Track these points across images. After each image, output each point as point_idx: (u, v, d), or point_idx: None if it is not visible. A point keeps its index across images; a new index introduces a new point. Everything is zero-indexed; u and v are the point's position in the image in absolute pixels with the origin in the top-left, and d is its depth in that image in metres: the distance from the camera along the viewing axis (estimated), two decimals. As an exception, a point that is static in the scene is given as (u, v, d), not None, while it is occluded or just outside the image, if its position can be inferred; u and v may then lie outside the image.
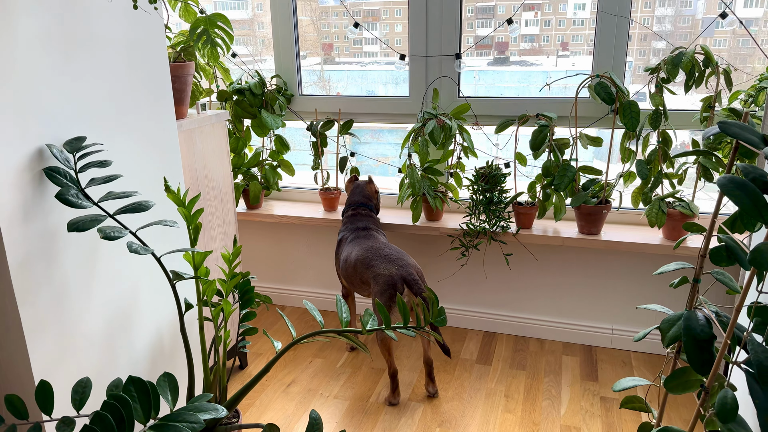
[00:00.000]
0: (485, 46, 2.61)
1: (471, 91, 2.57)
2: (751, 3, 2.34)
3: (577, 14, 2.49)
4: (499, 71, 2.66)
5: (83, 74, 1.37)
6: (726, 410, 1.13)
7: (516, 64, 2.63)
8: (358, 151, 2.74)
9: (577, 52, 2.53)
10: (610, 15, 2.24)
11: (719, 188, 1.09)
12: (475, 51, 2.59)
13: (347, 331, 1.47)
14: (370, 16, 2.75)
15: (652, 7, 2.38)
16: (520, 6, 2.42)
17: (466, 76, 2.63)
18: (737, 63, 2.35)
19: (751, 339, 1.10)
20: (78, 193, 1.32)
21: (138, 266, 1.61)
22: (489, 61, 2.67)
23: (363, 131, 3.01)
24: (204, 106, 2.13)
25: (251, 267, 2.98)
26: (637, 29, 2.37)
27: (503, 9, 2.53)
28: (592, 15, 2.37)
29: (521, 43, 2.61)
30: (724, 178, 1.08)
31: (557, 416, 2.06)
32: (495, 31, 2.48)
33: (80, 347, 1.43)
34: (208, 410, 1.30)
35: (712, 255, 1.21)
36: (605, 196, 2.32)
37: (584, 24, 2.48)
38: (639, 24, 2.34)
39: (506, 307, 2.61)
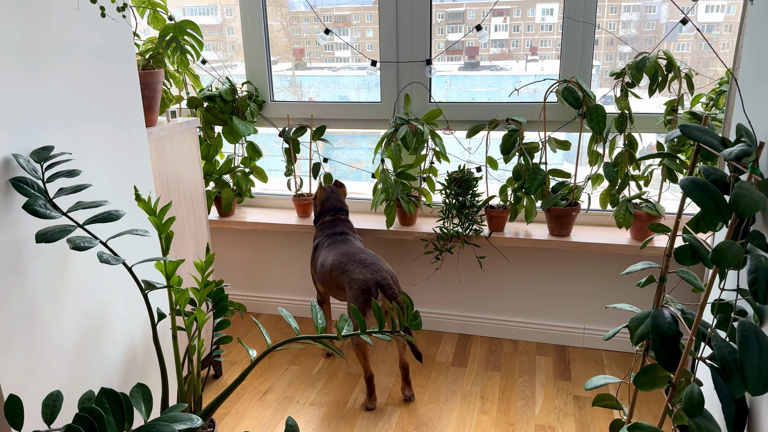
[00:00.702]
0: (456, 51, 2.64)
1: (443, 96, 2.60)
2: (712, 9, 2.42)
3: (546, 19, 2.54)
4: (470, 76, 2.69)
5: (51, 83, 1.35)
6: (693, 405, 1.17)
7: (486, 69, 2.66)
8: (331, 156, 2.74)
9: (546, 57, 2.58)
10: (576, 21, 2.29)
11: (681, 189, 1.12)
12: (446, 56, 2.62)
13: (323, 337, 1.47)
14: (341, 22, 2.75)
15: (617, 12, 2.44)
16: (489, 11, 2.46)
17: (437, 81, 2.65)
18: (700, 66, 2.42)
19: (715, 335, 1.13)
20: (46, 203, 1.30)
21: (110, 277, 1.58)
22: (460, 65, 2.70)
23: (336, 137, 3.01)
24: (174, 114, 2.12)
25: (225, 275, 2.95)
26: (603, 34, 2.42)
27: (473, 14, 2.56)
28: (559, 20, 2.41)
29: (491, 47, 2.64)
30: (686, 179, 1.11)
31: (532, 416, 2.09)
32: (465, 36, 2.51)
33: (51, 360, 1.41)
34: (182, 420, 1.29)
35: (677, 254, 1.24)
36: (574, 199, 2.36)
37: (552, 29, 2.53)
38: (605, 29, 2.40)
39: (480, 309, 2.64)
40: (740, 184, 0.99)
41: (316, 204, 2.47)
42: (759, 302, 1.03)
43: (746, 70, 1.26)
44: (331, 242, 2.28)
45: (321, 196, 2.46)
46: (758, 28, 1.21)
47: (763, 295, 1.03)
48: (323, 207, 2.44)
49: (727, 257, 1.03)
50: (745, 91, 1.27)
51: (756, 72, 1.22)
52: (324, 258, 2.25)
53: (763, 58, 1.18)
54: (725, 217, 1.10)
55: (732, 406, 1.18)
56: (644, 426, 1.27)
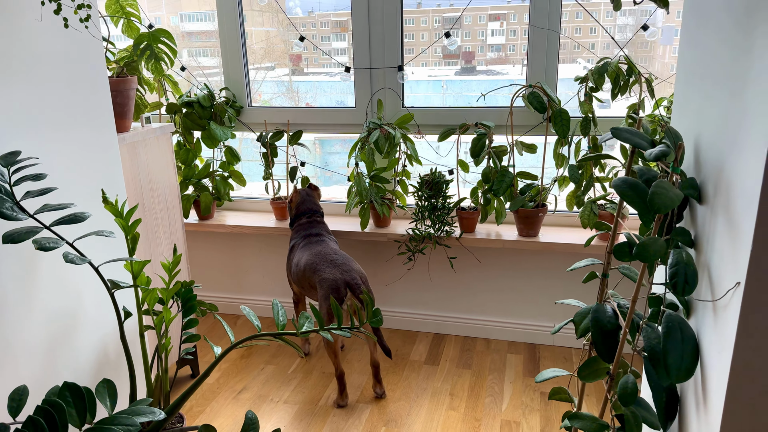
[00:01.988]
0: (453, 56, 2.67)
1: (439, 101, 2.63)
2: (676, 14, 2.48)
3: (564, 23, 2.54)
4: (466, 80, 2.72)
5: (17, 90, 1.41)
6: (626, 394, 1.22)
7: (483, 74, 2.69)
8: (308, 160, 2.80)
9: (562, 60, 2.54)
10: (540, 29, 2.36)
11: (613, 189, 1.19)
12: (442, 61, 2.66)
13: (282, 333, 1.52)
14: (338, 27, 2.80)
15: (583, 17, 2.50)
16: (456, 17, 2.53)
17: (434, 86, 2.69)
18: (666, 72, 2.49)
19: (646, 327, 1.19)
20: (13, 206, 1.35)
21: (80, 277, 1.64)
22: (456, 70, 2.73)
23: (328, 142, 3.05)
24: (149, 119, 2.18)
25: (204, 277, 3.01)
26: (569, 40, 2.48)
27: (470, 19, 2.59)
28: (562, 24, 2.43)
29: (488, 52, 2.67)
30: (618, 179, 1.17)
31: (498, 412, 2.15)
32: (435, 42, 2.57)
33: (19, 357, 1.46)
34: (144, 413, 1.35)
35: (616, 251, 1.30)
36: (541, 200, 2.43)
37: (567, 32, 2.52)
38: (571, 36, 2.46)
39: (454, 309, 2.70)
40: (658, 183, 1.05)
41: (292, 207, 2.52)
42: (678, 294, 1.09)
43: (679, 73, 1.32)
44: (306, 243, 2.34)
45: (296, 200, 2.52)
46: (688, 34, 1.27)
47: (682, 287, 1.09)
48: (299, 210, 2.49)
49: (650, 252, 1.08)
50: (678, 93, 1.33)
51: (686, 75, 1.28)
52: (298, 258, 2.31)
53: (691, 63, 1.24)
54: (653, 214, 1.16)
55: (662, 394, 1.24)
56: (583, 415, 1.33)
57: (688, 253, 1.12)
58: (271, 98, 3.02)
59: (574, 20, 2.49)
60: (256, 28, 2.95)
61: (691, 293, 1.07)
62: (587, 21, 2.51)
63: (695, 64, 1.22)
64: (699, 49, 1.20)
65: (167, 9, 3.13)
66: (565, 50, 2.49)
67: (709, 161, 1.10)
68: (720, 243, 1.01)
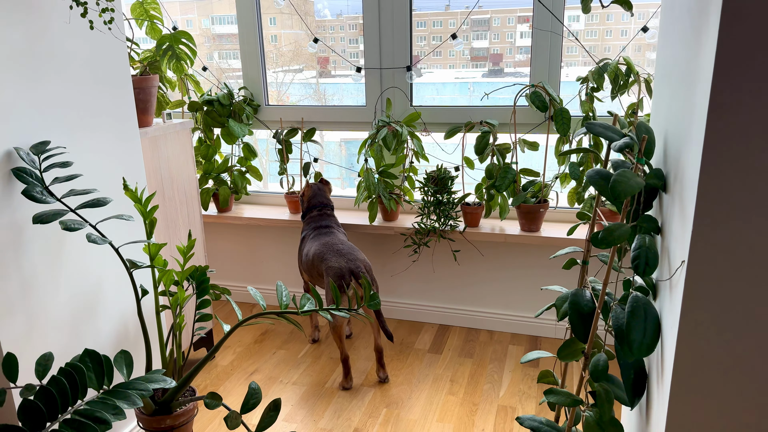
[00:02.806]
0: (481, 57, 2.73)
1: (466, 102, 2.68)
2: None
3: (572, 26, 2.58)
4: (493, 83, 2.72)
5: (48, 86, 1.56)
6: (598, 371, 1.32)
7: (511, 75, 2.72)
8: (331, 160, 2.92)
9: (572, 63, 2.60)
10: (544, 31, 2.44)
11: (587, 179, 1.28)
12: (470, 63, 2.74)
13: (285, 312, 1.65)
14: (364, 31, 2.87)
15: (584, 20, 2.58)
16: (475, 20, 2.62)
17: (461, 88, 2.75)
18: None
19: (616, 307, 1.28)
20: (42, 190, 1.50)
21: (103, 259, 1.79)
22: (484, 72, 2.78)
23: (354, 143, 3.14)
24: (170, 116, 2.32)
25: (222, 267, 3.15)
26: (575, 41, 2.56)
27: (498, 21, 2.67)
28: (587, 27, 2.48)
29: (516, 54, 2.71)
30: (591, 171, 1.27)
31: (496, 398, 2.24)
32: (441, 44, 2.68)
33: (47, 330, 1.61)
34: (157, 381, 1.48)
35: (593, 239, 1.38)
36: (543, 196, 2.51)
37: (579, 35, 2.59)
38: (573, 37, 2.54)
39: (458, 301, 2.79)
40: (620, 172, 1.14)
41: (304, 200, 2.65)
42: (638, 275, 1.18)
43: (656, 72, 1.41)
44: (316, 234, 2.46)
45: (308, 193, 2.64)
46: (663, 34, 1.36)
47: (643, 269, 1.18)
48: (310, 203, 2.62)
49: (614, 236, 1.18)
50: (655, 91, 1.41)
51: (660, 74, 1.36)
52: (308, 249, 2.43)
53: (664, 63, 1.33)
54: (619, 202, 1.25)
55: (630, 371, 1.32)
56: (560, 391, 1.42)
57: (651, 238, 1.20)
58: (298, 100, 3.12)
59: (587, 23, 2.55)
60: (285, 31, 3.06)
61: (651, 274, 1.16)
62: (593, 24, 2.58)
63: (667, 64, 1.31)
64: (669, 49, 1.29)
65: (199, 12, 3.26)
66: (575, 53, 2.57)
67: (672, 153, 1.19)
68: (675, 227, 1.10)
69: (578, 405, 1.38)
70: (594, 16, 2.59)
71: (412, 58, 2.67)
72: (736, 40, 0.86)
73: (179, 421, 1.78)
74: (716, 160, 0.91)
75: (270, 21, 2.99)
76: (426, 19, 2.73)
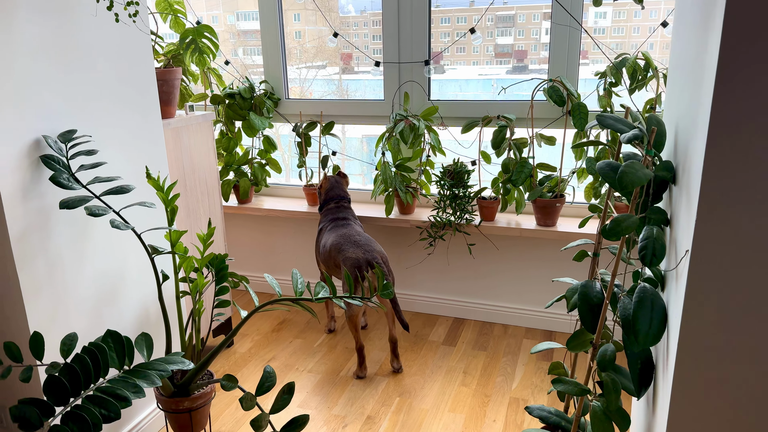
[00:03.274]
0: (505, 54, 2.73)
1: (489, 98, 2.66)
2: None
3: (598, 23, 2.57)
4: (517, 79, 2.68)
5: (76, 76, 1.62)
6: (605, 361, 1.33)
7: (535, 72, 2.71)
8: (354, 155, 2.96)
9: (598, 60, 2.57)
10: (562, 25, 2.45)
11: (597, 171, 1.29)
12: (494, 59, 2.73)
13: (299, 299, 1.69)
14: None
15: (611, 17, 2.57)
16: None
17: (484, 84, 2.75)
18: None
19: (624, 298, 1.29)
20: (69, 177, 1.56)
21: (126, 245, 1.85)
22: (508, 69, 2.78)
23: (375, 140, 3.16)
24: (192, 108, 2.38)
25: (241, 257, 3.21)
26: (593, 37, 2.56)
27: (523, 17, 2.66)
28: (614, 24, 2.46)
29: (541, 51, 2.69)
30: (602, 162, 1.28)
31: (508, 390, 2.26)
32: (454, 42, 2.69)
33: (71, 311, 1.67)
34: (176, 363, 1.53)
35: (603, 231, 1.40)
36: (560, 191, 2.51)
37: (605, 32, 2.56)
38: (585, 32, 2.53)
39: (473, 294, 2.81)
40: (627, 163, 1.15)
41: (321, 193, 2.69)
42: (645, 265, 1.19)
43: (670, 65, 1.41)
44: (333, 226, 2.50)
45: (326, 186, 2.68)
46: (677, 27, 1.36)
47: (649, 259, 1.19)
48: (327, 195, 2.66)
49: (621, 227, 1.19)
50: (669, 83, 1.42)
51: (674, 67, 1.37)
52: (325, 240, 2.47)
53: (677, 55, 1.33)
54: (628, 192, 1.27)
55: (637, 361, 1.33)
56: (568, 381, 1.44)
57: (659, 229, 1.22)
58: (321, 96, 3.14)
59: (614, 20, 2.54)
60: (309, 27, 3.09)
61: (657, 264, 1.17)
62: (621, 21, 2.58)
63: (678, 57, 1.31)
64: (681, 42, 1.29)
65: (224, 7, 3.31)
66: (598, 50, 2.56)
67: (681, 146, 1.20)
68: (682, 218, 1.11)
69: (586, 394, 1.40)
70: (621, 13, 2.58)
71: (432, 53, 2.69)
72: (739, 33, 0.87)
73: (197, 403, 1.84)
74: (720, 151, 0.93)
75: (294, 17, 3.03)
76: (450, 15, 2.74)
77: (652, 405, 1.35)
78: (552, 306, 2.69)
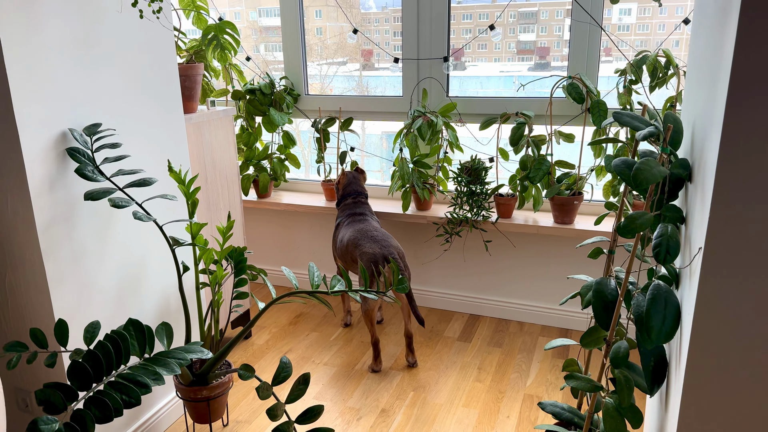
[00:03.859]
0: (527, 51, 2.72)
1: (510, 95, 2.66)
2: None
3: (623, 20, 2.55)
4: (538, 76, 2.67)
5: (101, 71, 1.66)
6: (618, 357, 1.34)
7: (558, 69, 2.69)
8: (372, 151, 2.98)
9: (620, 58, 2.52)
10: (583, 23, 2.44)
11: (613, 169, 1.30)
12: (516, 56, 2.73)
13: (316, 292, 1.71)
14: None
15: (636, 13, 2.54)
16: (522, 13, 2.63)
17: (506, 81, 2.75)
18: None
19: (638, 295, 1.29)
20: (93, 169, 1.61)
21: (148, 236, 1.89)
22: (530, 66, 2.77)
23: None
24: (213, 103, 2.42)
25: (260, 251, 3.26)
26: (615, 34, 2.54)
27: (546, 14, 2.65)
28: (639, 21, 2.45)
29: (564, 48, 2.67)
30: (618, 160, 1.29)
31: (522, 386, 2.26)
32: (474, 38, 2.69)
33: (95, 300, 1.72)
34: (195, 352, 1.57)
35: (619, 228, 1.40)
36: (578, 189, 2.51)
37: (630, 29, 2.53)
38: (612, 29, 2.52)
39: (489, 291, 2.82)
40: (642, 160, 1.16)
41: (339, 188, 2.72)
42: (659, 262, 1.19)
43: (689, 63, 1.41)
44: (350, 221, 2.53)
45: (344, 181, 2.71)
46: (696, 25, 1.36)
47: (663, 257, 1.19)
48: (345, 191, 2.68)
49: (636, 224, 1.19)
50: (687, 81, 1.42)
51: (692, 65, 1.36)
52: (342, 235, 2.50)
53: (695, 53, 1.33)
54: (642, 190, 1.27)
55: (650, 358, 1.34)
56: (581, 377, 1.45)
57: (674, 227, 1.22)
58: (341, 93, 3.18)
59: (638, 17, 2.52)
60: (330, 24, 3.11)
61: (671, 262, 1.17)
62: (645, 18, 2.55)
63: (697, 54, 1.31)
64: (700, 40, 1.29)
65: (246, 4, 3.34)
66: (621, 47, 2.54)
67: (697, 143, 1.19)
68: (697, 215, 1.11)
69: (598, 391, 1.40)
70: (646, 10, 2.55)
71: (452, 50, 2.70)
72: (755, 32, 0.87)
73: (215, 392, 1.88)
74: (734, 149, 0.93)
75: (316, 14, 3.05)
76: (472, 12, 2.74)
77: (665, 402, 1.35)
78: (568, 304, 2.69)
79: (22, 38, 1.43)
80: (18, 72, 1.43)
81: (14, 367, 1.44)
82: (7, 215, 1.54)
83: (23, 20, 1.43)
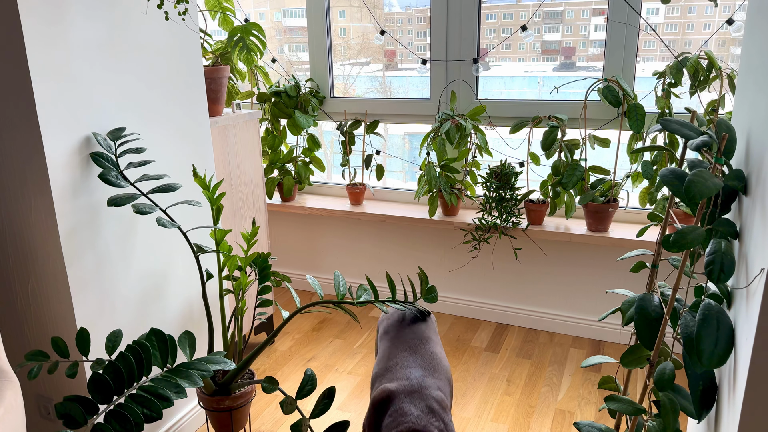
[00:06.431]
0: (552, 51, 2.65)
1: (534, 96, 2.61)
2: None
3: (650, 18, 2.46)
4: (563, 77, 2.61)
5: (126, 74, 1.63)
6: (663, 380, 1.26)
7: (583, 70, 2.63)
8: (396, 154, 2.92)
9: (649, 58, 2.48)
10: (620, 23, 2.34)
11: (660, 179, 1.22)
12: (540, 56, 2.66)
13: (341, 302, 1.66)
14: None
15: (664, 13, 2.45)
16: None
17: (530, 82, 2.68)
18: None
19: (686, 314, 1.21)
20: (117, 174, 1.57)
21: (171, 242, 1.86)
22: (555, 66, 2.70)
23: (417, 137, 3.10)
24: (239, 106, 2.38)
25: (283, 255, 3.22)
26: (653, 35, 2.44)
27: (572, 14, 2.58)
28: (667, 20, 2.36)
29: (590, 48, 2.61)
30: (665, 170, 1.21)
31: (554, 401, 2.18)
32: (509, 37, 2.61)
33: (117, 307, 1.69)
34: (218, 362, 1.53)
35: (664, 242, 1.32)
36: (613, 195, 2.41)
37: (658, 28, 2.45)
38: (651, 29, 2.42)
39: (518, 300, 2.73)
40: (696, 172, 1.08)
41: None
42: (712, 281, 1.11)
43: (741, 66, 1.32)
44: None
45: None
46: (750, 25, 1.27)
47: (717, 275, 1.11)
48: None
49: (687, 239, 1.12)
50: (739, 86, 1.33)
51: (746, 68, 1.28)
52: None
53: (750, 55, 1.24)
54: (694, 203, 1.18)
55: (699, 382, 1.25)
56: (622, 399, 1.37)
57: (728, 243, 1.13)
58: (364, 93, 3.12)
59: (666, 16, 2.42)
60: (354, 24, 3.07)
61: (726, 281, 1.09)
62: (674, 17, 2.46)
63: (753, 57, 1.22)
64: (756, 42, 1.20)
65: (271, 4, 3.31)
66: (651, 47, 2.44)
67: (754, 153, 1.11)
68: (756, 232, 1.03)
69: (641, 414, 1.32)
70: (675, 9, 2.45)
71: (480, 51, 2.63)
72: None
73: (238, 402, 1.84)
74: (805, 161, 0.84)
75: (339, 14, 3.01)
76: (496, 11, 2.67)
77: (714, 429, 1.26)
78: (600, 314, 2.59)
79: (46, 41, 1.40)
80: (42, 75, 1.40)
81: (35, 377, 1.41)
82: (30, 221, 1.52)
83: (47, 23, 1.40)
